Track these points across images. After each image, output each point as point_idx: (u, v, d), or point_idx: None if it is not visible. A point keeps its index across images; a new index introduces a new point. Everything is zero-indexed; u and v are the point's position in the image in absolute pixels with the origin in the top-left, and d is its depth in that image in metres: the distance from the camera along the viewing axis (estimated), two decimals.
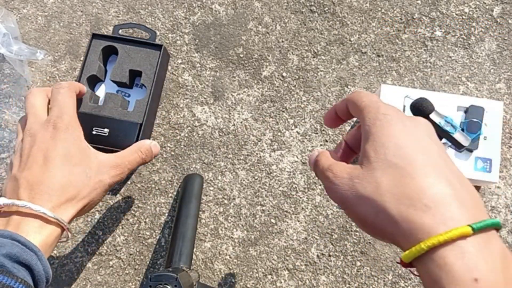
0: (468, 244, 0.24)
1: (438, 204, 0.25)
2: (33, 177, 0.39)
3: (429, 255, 0.24)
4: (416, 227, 0.25)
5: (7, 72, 0.74)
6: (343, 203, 0.29)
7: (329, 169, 0.31)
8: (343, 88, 0.75)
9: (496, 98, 0.75)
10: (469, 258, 0.23)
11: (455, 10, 0.79)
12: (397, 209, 0.26)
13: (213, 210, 0.71)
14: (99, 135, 0.56)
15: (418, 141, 0.28)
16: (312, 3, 0.79)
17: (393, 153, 0.27)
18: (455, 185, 0.26)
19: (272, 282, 0.68)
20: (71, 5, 0.78)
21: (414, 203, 0.25)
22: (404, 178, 0.26)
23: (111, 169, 0.44)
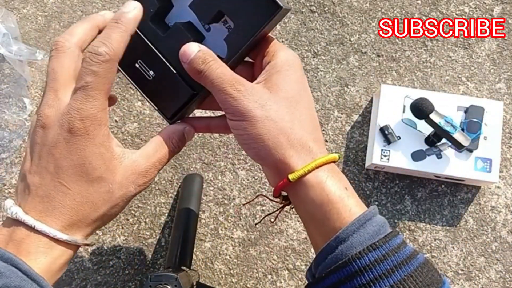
0: (334, 166, 0.33)
1: (319, 141, 0.33)
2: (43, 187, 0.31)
3: (313, 173, 0.31)
4: (308, 151, 0.32)
5: (7, 72, 0.74)
6: (247, 117, 0.31)
7: (238, 81, 0.32)
8: (343, 88, 0.75)
9: (496, 98, 0.75)
10: (338, 174, 0.32)
11: (455, 10, 0.79)
12: (296, 135, 0.32)
13: (213, 210, 0.71)
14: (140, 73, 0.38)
15: (308, 89, 0.35)
16: (312, 3, 0.79)
17: (299, 93, 0.33)
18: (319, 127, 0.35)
19: (272, 282, 0.68)
20: (71, 5, 0.78)
21: (307, 135, 0.32)
22: (304, 115, 0.33)
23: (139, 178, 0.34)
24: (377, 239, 0.29)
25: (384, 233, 0.30)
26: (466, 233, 0.71)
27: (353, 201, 0.31)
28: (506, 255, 0.70)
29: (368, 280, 0.28)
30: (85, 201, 0.32)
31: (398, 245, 0.29)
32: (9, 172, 0.71)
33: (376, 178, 0.72)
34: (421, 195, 0.72)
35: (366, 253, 0.28)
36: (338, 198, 0.31)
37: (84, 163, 0.31)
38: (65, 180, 0.31)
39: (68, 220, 0.31)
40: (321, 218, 0.31)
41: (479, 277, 0.69)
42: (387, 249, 0.28)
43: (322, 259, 0.30)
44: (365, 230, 0.29)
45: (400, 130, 0.69)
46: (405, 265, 0.28)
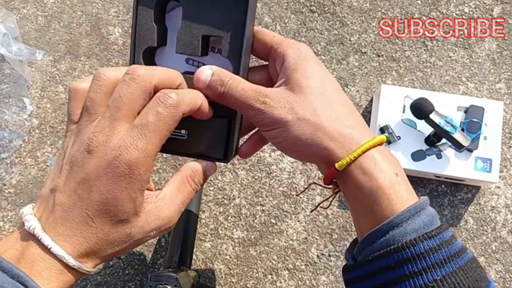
0: (383, 149, 0.32)
1: (358, 124, 0.32)
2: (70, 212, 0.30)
3: (360, 160, 0.30)
4: (350, 139, 0.31)
5: (7, 72, 0.74)
6: (280, 125, 0.32)
7: (260, 93, 0.32)
8: (343, 88, 0.75)
9: (496, 98, 0.75)
10: (387, 158, 0.31)
11: (455, 10, 0.79)
12: (332, 127, 0.31)
13: (213, 210, 0.71)
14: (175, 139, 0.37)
15: (330, 75, 0.34)
16: (312, 3, 0.79)
17: (321, 84, 0.33)
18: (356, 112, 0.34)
19: (272, 282, 0.68)
20: (71, 5, 0.78)
21: (344, 123, 0.32)
22: (332, 104, 0.32)
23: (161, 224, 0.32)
24: (431, 229, 0.29)
25: (437, 225, 0.29)
26: (466, 233, 0.71)
27: (404, 187, 0.31)
28: (506, 255, 0.70)
29: (420, 268, 0.27)
30: (105, 239, 0.31)
31: (450, 237, 0.29)
32: (9, 172, 0.71)
33: None
34: (421, 195, 0.72)
35: (421, 240, 0.28)
36: (389, 184, 0.30)
37: (116, 205, 0.30)
38: (92, 213, 0.30)
39: (84, 250, 0.30)
40: (371, 205, 0.30)
41: None
42: (441, 240, 0.28)
43: (370, 242, 0.30)
44: (420, 219, 0.29)
45: (400, 130, 0.69)
46: (457, 258, 0.28)
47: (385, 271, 0.28)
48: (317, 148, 0.31)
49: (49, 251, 0.29)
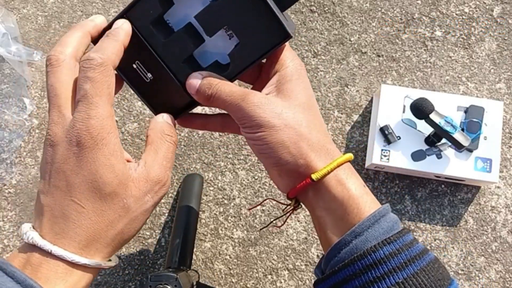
0: (351, 165, 0.34)
1: (332, 142, 0.35)
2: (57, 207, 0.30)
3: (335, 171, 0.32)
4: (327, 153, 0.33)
5: (7, 72, 0.74)
6: (267, 127, 0.32)
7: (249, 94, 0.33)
8: (343, 88, 0.75)
9: (496, 98, 0.75)
10: (355, 173, 0.34)
11: (455, 10, 0.79)
12: (315, 139, 0.33)
13: (213, 210, 0.71)
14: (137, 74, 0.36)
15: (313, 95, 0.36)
16: (312, 3, 0.79)
17: (309, 99, 0.34)
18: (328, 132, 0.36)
19: (272, 282, 0.68)
20: (71, 5, 0.78)
21: (324, 138, 0.34)
22: (317, 119, 0.34)
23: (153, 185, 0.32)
24: (391, 234, 0.30)
25: (397, 229, 0.31)
26: (466, 233, 0.71)
27: (370, 198, 0.32)
28: (506, 255, 0.70)
29: (383, 273, 0.28)
30: (101, 219, 0.30)
31: (411, 241, 0.30)
32: (9, 172, 0.71)
33: (376, 178, 0.72)
34: (421, 195, 0.72)
35: (381, 246, 0.29)
36: (358, 194, 0.32)
37: (96, 178, 0.30)
38: (78, 198, 0.30)
39: (84, 241, 0.30)
40: (341, 214, 0.32)
41: (479, 277, 0.69)
42: (401, 244, 0.30)
43: (336, 253, 0.31)
44: (379, 226, 0.30)
45: (400, 130, 0.69)
46: (418, 260, 0.29)
47: (351, 279, 0.29)
48: (297, 156, 0.32)
49: (51, 254, 0.29)
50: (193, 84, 0.34)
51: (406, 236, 0.30)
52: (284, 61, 0.35)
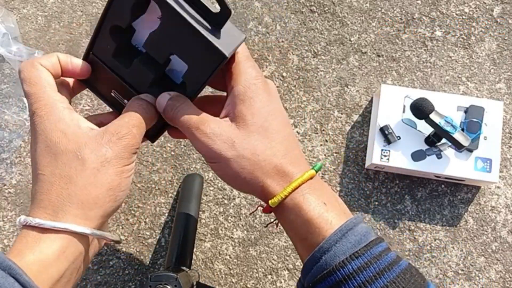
0: (314, 182, 0.33)
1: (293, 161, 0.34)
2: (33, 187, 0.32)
3: (292, 195, 0.32)
4: (285, 176, 0.33)
5: (7, 72, 0.74)
6: (219, 159, 0.33)
7: (204, 123, 0.33)
8: (343, 88, 0.75)
9: (496, 98, 0.75)
10: (317, 191, 0.33)
11: (455, 10, 0.79)
12: (270, 165, 0.33)
13: (213, 210, 0.71)
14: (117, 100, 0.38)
15: (279, 111, 0.35)
16: (312, 3, 0.79)
17: (266, 119, 0.33)
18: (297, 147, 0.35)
19: (272, 282, 0.68)
20: (71, 5, 0.78)
21: (282, 160, 0.33)
22: (274, 141, 0.33)
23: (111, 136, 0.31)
24: (359, 248, 0.30)
25: (366, 242, 0.31)
26: (466, 233, 0.71)
27: (333, 213, 0.32)
28: (506, 255, 0.70)
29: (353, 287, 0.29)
30: (58, 179, 0.30)
31: (380, 252, 0.30)
32: (9, 172, 0.71)
33: (376, 178, 0.72)
34: (421, 195, 0.72)
35: (349, 261, 0.29)
36: (317, 214, 0.32)
37: (47, 144, 0.31)
38: (39, 168, 0.31)
39: (51, 206, 0.30)
40: (304, 234, 0.32)
41: (479, 277, 0.69)
42: (369, 257, 0.30)
43: (308, 269, 0.31)
44: (347, 240, 0.30)
45: (400, 130, 0.69)
46: (387, 272, 0.29)
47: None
48: (255, 185, 0.33)
49: (23, 226, 0.30)
50: (160, 104, 0.34)
51: (374, 248, 0.30)
52: (237, 75, 0.34)
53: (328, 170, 0.72)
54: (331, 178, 0.72)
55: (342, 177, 0.72)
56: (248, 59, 0.35)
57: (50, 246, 0.29)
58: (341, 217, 0.32)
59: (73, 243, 0.30)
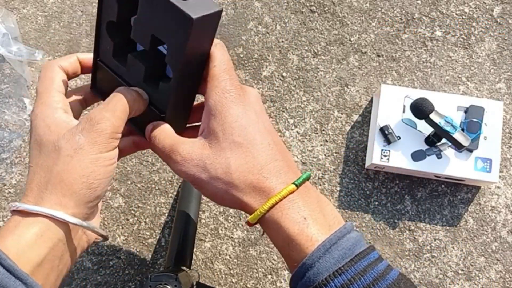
0: (295, 197, 0.32)
1: (272, 175, 0.32)
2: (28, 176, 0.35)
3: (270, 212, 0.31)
4: (263, 191, 0.32)
5: (7, 72, 0.74)
6: (194, 183, 0.33)
7: (175, 150, 0.33)
8: (343, 88, 0.75)
9: (496, 98, 0.75)
10: (297, 205, 0.31)
11: (455, 10, 0.79)
12: (245, 183, 0.32)
13: (213, 210, 0.71)
14: None
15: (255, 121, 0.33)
16: (312, 3, 0.79)
17: (239, 134, 0.32)
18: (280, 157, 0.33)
19: (272, 282, 0.68)
20: (71, 5, 0.78)
21: (261, 174, 0.32)
22: (248, 156, 0.32)
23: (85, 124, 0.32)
24: (343, 264, 0.29)
25: (351, 256, 0.30)
26: (466, 233, 0.71)
27: (314, 229, 0.31)
28: (506, 255, 0.70)
29: None
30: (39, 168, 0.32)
31: (365, 267, 0.29)
32: (9, 172, 0.71)
33: (376, 178, 0.72)
34: (421, 195, 0.72)
35: (332, 279, 0.29)
36: (297, 231, 0.31)
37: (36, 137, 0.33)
38: (30, 160, 0.33)
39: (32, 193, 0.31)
40: (287, 251, 0.32)
41: (479, 277, 0.69)
42: (352, 273, 0.29)
43: (294, 285, 0.31)
44: (330, 255, 0.30)
45: (400, 130, 0.69)
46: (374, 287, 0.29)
47: None
48: (233, 203, 0.33)
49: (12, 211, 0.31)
50: (146, 133, 0.36)
51: (359, 263, 0.29)
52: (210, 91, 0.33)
53: (328, 170, 0.72)
54: (331, 178, 0.72)
55: (342, 177, 0.72)
56: (225, 72, 0.33)
57: (28, 229, 0.30)
58: (324, 231, 0.31)
59: (51, 228, 0.31)
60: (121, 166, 0.72)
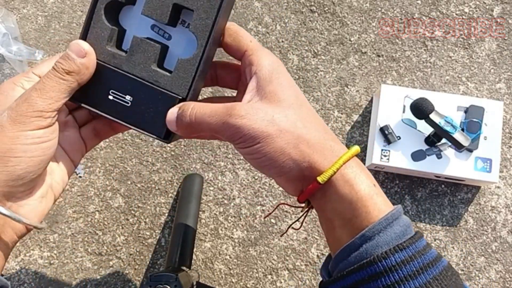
0: (359, 161, 0.32)
1: (334, 137, 0.32)
2: None
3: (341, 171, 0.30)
4: (330, 151, 0.31)
5: (7, 72, 0.74)
6: (261, 138, 0.30)
7: (233, 114, 0.30)
8: (343, 88, 0.75)
9: (496, 98, 0.75)
10: (365, 169, 0.31)
11: (455, 10, 0.79)
12: (314, 139, 0.31)
13: (213, 210, 0.71)
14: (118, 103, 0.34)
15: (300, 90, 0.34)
16: (312, 3, 0.79)
17: (296, 97, 0.32)
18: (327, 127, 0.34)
19: (272, 282, 0.68)
20: (71, 5, 0.78)
21: (323, 135, 0.31)
22: (311, 116, 0.32)
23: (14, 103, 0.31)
24: (403, 240, 0.28)
25: (410, 234, 0.29)
26: (466, 233, 0.71)
27: (381, 199, 0.30)
28: (506, 255, 0.70)
29: (393, 281, 0.27)
30: None
31: (424, 247, 0.29)
32: None
33: (376, 178, 0.72)
34: (421, 195, 0.72)
35: (392, 253, 0.28)
36: (368, 195, 0.30)
37: None
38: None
39: None
40: (349, 217, 0.30)
41: (479, 277, 0.69)
42: (413, 251, 0.28)
43: (344, 256, 0.30)
44: (392, 230, 0.29)
45: (400, 130, 0.69)
46: (431, 268, 0.28)
47: (359, 285, 0.28)
48: (300, 161, 0.30)
49: None
50: (171, 119, 0.32)
51: (419, 242, 0.29)
52: (258, 61, 0.33)
53: None
54: None
55: None
56: (261, 47, 0.34)
57: None
58: (387, 204, 0.30)
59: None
60: (121, 166, 0.72)
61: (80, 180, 0.71)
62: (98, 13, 0.34)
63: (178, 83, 0.34)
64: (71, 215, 0.70)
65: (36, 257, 0.68)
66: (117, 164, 0.72)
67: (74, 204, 0.70)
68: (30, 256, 0.68)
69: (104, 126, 0.38)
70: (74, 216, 0.70)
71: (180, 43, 0.35)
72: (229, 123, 0.30)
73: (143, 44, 0.34)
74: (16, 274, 0.67)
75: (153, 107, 0.34)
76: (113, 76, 0.34)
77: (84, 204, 0.70)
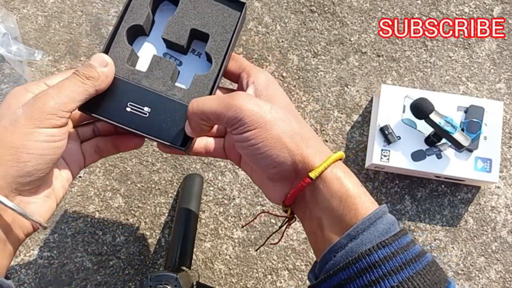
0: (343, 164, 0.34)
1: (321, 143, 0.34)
2: None
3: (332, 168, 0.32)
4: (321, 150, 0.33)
5: (7, 72, 0.74)
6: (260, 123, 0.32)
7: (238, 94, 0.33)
8: (343, 88, 0.75)
9: (496, 98, 0.75)
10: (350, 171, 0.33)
11: (455, 10, 0.79)
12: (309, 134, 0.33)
13: (213, 210, 0.71)
14: (135, 114, 0.36)
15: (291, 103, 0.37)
16: (312, 3, 0.79)
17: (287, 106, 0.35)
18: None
19: (272, 282, 0.68)
20: (71, 5, 0.78)
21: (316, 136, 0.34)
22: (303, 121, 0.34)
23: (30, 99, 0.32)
24: (386, 237, 0.29)
25: (394, 232, 0.30)
26: (466, 233, 0.71)
27: (368, 198, 0.32)
28: (506, 255, 0.70)
29: (377, 276, 0.28)
30: None
31: (407, 243, 0.30)
32: None
33: (376, 178, 0.72)
34: (421, 195, 0.72)
35: (375, 250, 0.29)
36: (356, 194, 0.31)
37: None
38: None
39: None
40: (340, 213, 0.31)
41: (479, 277, 0.69)
42: (396, 247, 0.29)
43: (331, 256, 0.31)
44: (375, 228, 0.30)
45: (400, 130, 0.69)
46: (414, 263, 0.29)
47: (346, 283, 0.29)
48: (295, 152, 0.32)
49: None
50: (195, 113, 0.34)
51: (402, 239, 0.30)
52: (255, 74, 0.37)
53: None
54: None
55: None
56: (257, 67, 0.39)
57: None
58: (373, 203, 0.32)
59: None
60: (121, 166, 0.72)
61: (80, 180, 0.71)
62: (121, 34, 0.38)
63: (194, 96, 0.37)
64: (71, 215, 0.70)
65: (36, 257, 0.68)
66: (117, 164, 0.72)
67: (74, 204, 0.70)
68: (30, 256, 0.68)
69: (106, 144, 0.39)
70: (74, 216, 0.70)
71: (190, 68, 0.40)
72: (230, 104, 0.32)
73: (161, 62, 0.38)
74: (16, 274, 0.67)
75: (170, 117, 0.37)
76: (131, 90, 0.37)
77: (84, 204, 0.70)
